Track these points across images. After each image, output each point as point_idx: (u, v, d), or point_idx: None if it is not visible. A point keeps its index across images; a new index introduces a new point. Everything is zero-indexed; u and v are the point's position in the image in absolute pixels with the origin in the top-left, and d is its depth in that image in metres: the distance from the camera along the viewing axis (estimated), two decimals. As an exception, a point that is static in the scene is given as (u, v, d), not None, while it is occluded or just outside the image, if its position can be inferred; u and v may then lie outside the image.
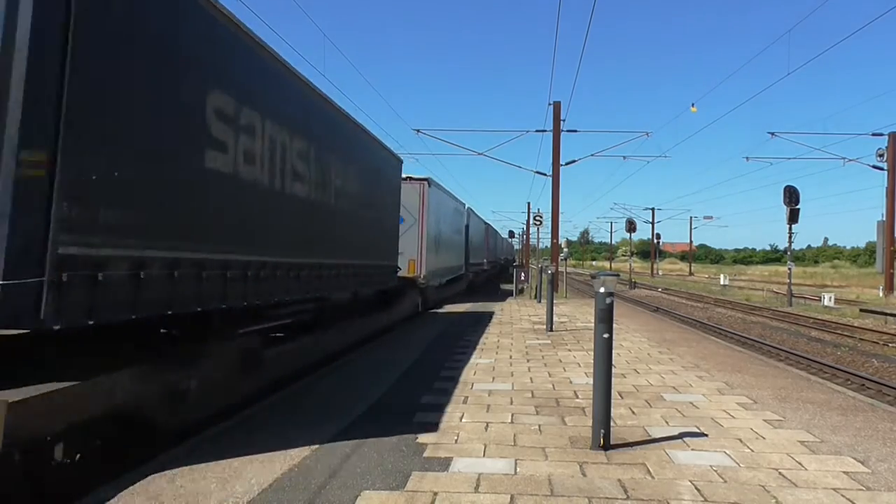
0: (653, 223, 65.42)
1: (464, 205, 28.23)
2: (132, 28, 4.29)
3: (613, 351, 5.22)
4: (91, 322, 3.96)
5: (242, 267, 5.96)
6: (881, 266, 30.05)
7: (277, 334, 8.04)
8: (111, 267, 4.09)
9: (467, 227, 28.41)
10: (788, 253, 30.99)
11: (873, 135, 29.29)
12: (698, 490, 4.11)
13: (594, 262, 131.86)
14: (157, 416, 5.10)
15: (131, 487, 4.13)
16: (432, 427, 5.59)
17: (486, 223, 41.12)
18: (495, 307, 20.35)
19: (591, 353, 5.32)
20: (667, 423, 5.81)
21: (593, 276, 5.25)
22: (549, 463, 4.63)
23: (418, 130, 27.34)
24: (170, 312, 4.80)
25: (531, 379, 7.88)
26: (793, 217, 28.01)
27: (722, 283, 46.69)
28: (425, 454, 4.81)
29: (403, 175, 15.50)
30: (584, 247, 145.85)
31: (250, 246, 6.18)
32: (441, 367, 8.73)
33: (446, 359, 9.51)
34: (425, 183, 17.79)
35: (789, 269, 30.35)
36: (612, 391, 5.24)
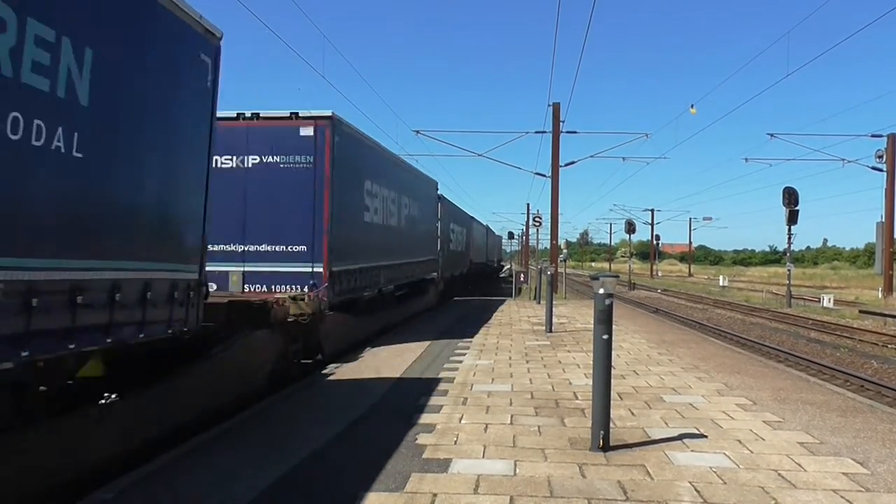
0: (652, 224, 65.44)
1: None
2: None
3: (613, 352, 5.22)
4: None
5: None
6: (880, 267, 30.08)
7: None
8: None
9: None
10: (788, 254, 30.98)
11: (872, 136, 29.36)
12: (698, 491, 4.11)
13: (593, 264, 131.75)
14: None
15: (130, 488, 4.13)
16: (431, 428, 5.59)
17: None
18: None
19: (591, 354, 5.32)
20: (666, 424, 5.81)
21: (593, 278, 5.24)
22: (549, 464, 4.63)
23: (418, 131, 27.35)
24: None
25: (530, 380, 7.88)
26: (792, 218, 28.01)
27: (721, 284, 46.69)
28: (424, 455, 4.81)
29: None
30: (584, 248, 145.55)
31: None
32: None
33: None
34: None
35: (788, 270, 30.36)
36: (612, 392, 5.23)
